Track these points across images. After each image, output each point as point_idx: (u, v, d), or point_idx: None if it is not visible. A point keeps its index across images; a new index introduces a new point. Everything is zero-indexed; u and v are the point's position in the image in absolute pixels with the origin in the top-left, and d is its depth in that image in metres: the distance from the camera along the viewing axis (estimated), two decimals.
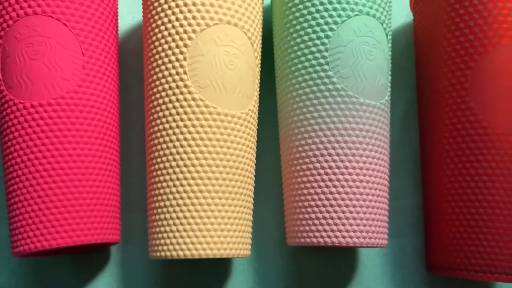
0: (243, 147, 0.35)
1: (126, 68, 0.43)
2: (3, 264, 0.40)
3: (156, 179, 0.35)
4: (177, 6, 0.35)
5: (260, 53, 0.38)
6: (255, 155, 0.38)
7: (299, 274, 0.42)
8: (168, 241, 0.33)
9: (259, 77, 0.38)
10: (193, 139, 0.34)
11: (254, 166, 0.37)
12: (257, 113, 0.38)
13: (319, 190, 0.35)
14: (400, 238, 0.43)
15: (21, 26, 0.35)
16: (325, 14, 0.36)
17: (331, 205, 0.34)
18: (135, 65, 0.44)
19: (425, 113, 0.41)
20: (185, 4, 0.35)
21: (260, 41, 0.38)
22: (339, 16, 0.36)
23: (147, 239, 0.38)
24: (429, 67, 0.40)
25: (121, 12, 0.45)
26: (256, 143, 0.38)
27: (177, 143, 0.34)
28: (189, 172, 0.33)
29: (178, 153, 0.34)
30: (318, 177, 0.35)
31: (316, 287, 0.42)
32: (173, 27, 0.35)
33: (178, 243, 0.33)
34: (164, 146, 0.34)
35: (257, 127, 0.38)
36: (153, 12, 0.36)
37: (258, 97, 0.38)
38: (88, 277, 0.40)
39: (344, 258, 0.43)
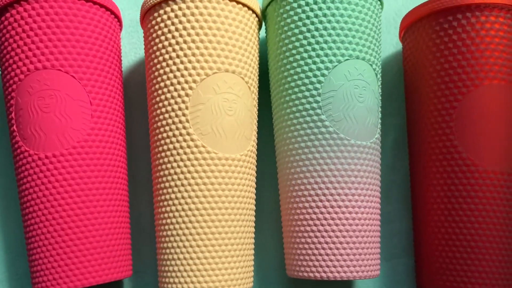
0: (243, 187, 0.38)
1: (130, 104, 0.45)
2: None
3: (164, 221, 0.37)
4: (177, 56, 0.36)
5: (257, 93, 0.40)
6: (255, 191, 0.40)
7: None
8: (176, 280, 0.36)
9: (256, 116, 0.40)
10: (197, 184, 0.36)
11: (254, 202, 0.40)
12: (255, 151, 0.40)
13: (315, 228, 0.37)
14: (392, 260, 0.45)
15: (33, 80, 0.36)
16: (317, 60, 0.37)
17: (326, 242, 0.37)
18: (138, 101, 0.45)
19: (414, 145, 0.43)
20: (185, 55, 0.36)
21: (257, 82, 0.40)
22: (330, 61, 0.37)
23: (156, 271, 0.40)
24: (417, 102, 0.42)
25: (124, 50, 0.46)
26: (255, 180, 0.40)
27: (181, 188, 0.36)
28: (194, 215, 0.36)
29: (183, 197, 0.36)
30: (314, 216, 0.37)
31: None
32: (175, 77, 0.36)
33: (186, 282, 0.36)
34: (170, 190, 0.37)
35: (256, 164, 0.40)
36: (155, 60, 0.38)
37: (256, 135, 0.40)
38: None
39: (340, 283, 0.44)
